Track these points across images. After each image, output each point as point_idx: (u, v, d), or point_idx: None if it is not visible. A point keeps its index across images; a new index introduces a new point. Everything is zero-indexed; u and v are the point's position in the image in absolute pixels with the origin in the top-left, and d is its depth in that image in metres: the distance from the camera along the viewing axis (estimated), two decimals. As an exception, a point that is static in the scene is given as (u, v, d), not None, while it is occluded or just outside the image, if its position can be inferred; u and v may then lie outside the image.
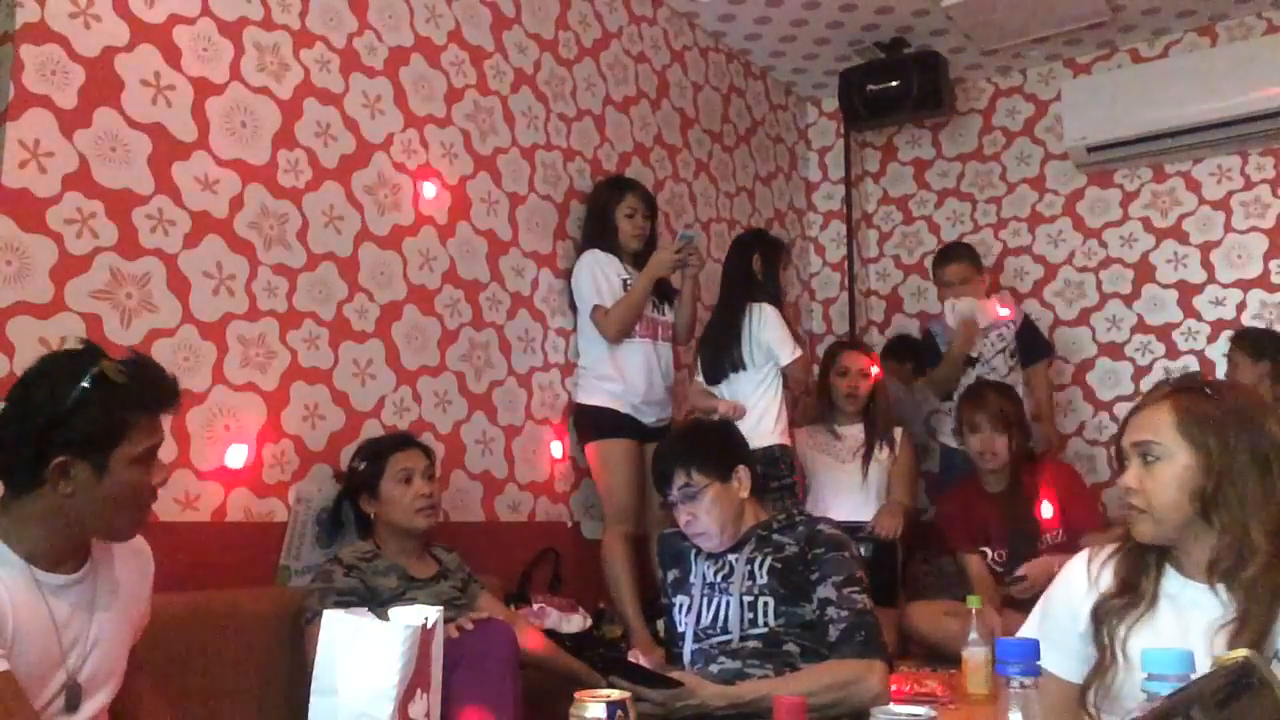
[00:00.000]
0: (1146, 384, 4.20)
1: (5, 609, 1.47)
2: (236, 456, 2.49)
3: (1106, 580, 1.54)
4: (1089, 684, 1.50)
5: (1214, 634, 1.38)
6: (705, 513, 2.16)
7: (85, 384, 1.49)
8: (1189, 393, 1.49)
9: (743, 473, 2.21)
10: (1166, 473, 1.45)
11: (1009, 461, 3.33)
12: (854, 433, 3.78)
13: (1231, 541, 1.41)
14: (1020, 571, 3.13)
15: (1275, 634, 1.37)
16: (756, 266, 3.61)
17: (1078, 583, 1.58)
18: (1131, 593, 1.50)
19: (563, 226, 3.54)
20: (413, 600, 2.23)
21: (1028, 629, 1.64)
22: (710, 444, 2.26)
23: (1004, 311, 3.95)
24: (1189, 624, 1.43)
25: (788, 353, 3.47)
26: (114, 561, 1.67)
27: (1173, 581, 1.50)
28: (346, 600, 2.21)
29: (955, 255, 4.05)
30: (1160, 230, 4.37)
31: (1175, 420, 1.45)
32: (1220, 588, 1.44)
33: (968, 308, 3.83)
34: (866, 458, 3.72)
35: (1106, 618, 1.50)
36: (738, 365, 3.49)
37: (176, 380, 1.62)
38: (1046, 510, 3.29)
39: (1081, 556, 1.62)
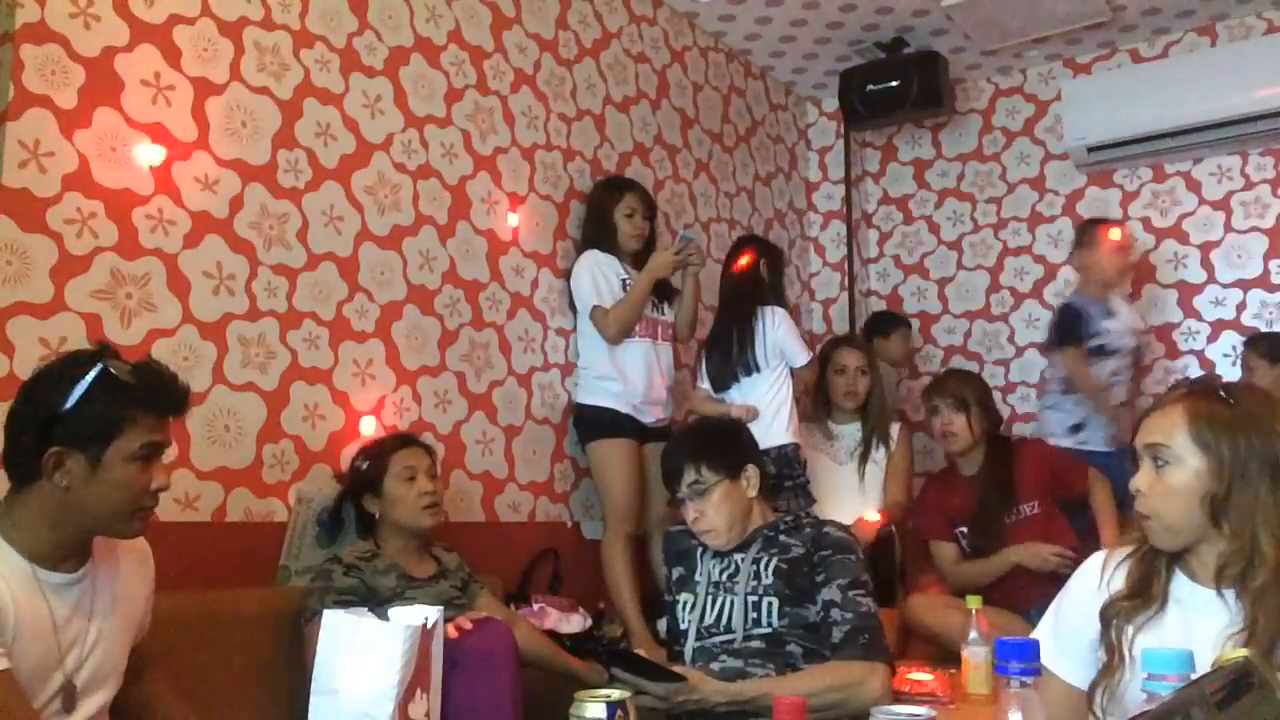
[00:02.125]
0: (1147, 384, 4.20)
1: (7, 606, 1.47)
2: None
3: (1118, 583, 1.53)
4: (1096, 685, 1.49)
5: (1222, 642, 1.37)
6: (714, 510, 2.16)
7: (88, 379, 1.51)
8: (1203, 396, 1.47)
9: (751, 472, 2.22)
10: (1176, 479, 1.44)
11: (975, 443, 3.36)
12: (850, 432, 3.77)
13: (1240, 548, 1.40)
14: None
15: None
16: (764, 271, 3.63)
17: (1090, 585, 1.57)
18: (1141, 595, 1.49)
19: (563, 226, 3.54)
20: (412, 600, 2.23)
21: (1042, 628, 1.63)
22: (720, 441, 2.26)
23: None
24: (1196, 630, 1.42)
25: (803, 356, 3.53)
26: (115, 563, 1.67)
27: (1181, 586, 1.49)
28: (346, 600, 2.20)
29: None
30: (1160, 230, 4.37)
31: (1187, 424, 1.44)
32: (1229, 595, 1.43)
33: None
34: (864, 459, 3.72)
35: (1114, 618, 1.49)
36: (752, 368, 3.50)
37: (185, 385, 1.63)
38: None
39: (1097, 557, 1.61)
